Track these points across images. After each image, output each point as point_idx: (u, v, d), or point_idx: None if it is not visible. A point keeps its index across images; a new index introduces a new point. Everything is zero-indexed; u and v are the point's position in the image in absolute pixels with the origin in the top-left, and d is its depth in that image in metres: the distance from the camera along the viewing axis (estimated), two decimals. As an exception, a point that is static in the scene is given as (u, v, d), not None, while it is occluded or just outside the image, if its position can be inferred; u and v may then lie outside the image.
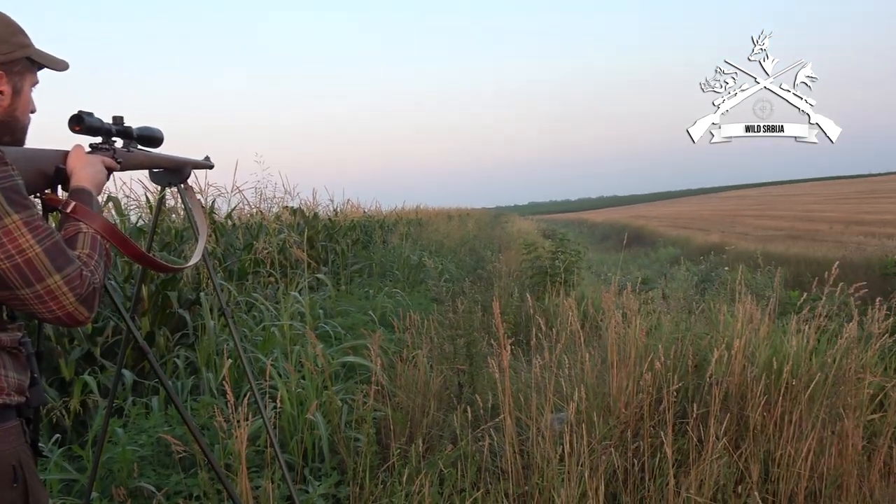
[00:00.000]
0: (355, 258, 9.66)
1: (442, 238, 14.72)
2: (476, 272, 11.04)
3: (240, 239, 7.15)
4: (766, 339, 3.72)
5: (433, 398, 3.92)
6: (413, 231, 15.01)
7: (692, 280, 11.38)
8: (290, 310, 4.68)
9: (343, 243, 9.59)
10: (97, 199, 1.51)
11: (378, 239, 12.20)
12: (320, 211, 10.37)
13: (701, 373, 3.62)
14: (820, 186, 75.38)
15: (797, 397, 3.30)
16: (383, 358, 4.26)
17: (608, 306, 4.08)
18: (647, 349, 3.67)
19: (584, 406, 3.26)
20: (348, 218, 11.63)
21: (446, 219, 21.98)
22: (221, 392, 3.60)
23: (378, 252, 10.42)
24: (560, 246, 8.80)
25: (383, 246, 11.67)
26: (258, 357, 4.16)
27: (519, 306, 6.64)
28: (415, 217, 19.25)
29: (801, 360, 3.48)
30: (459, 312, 5.33)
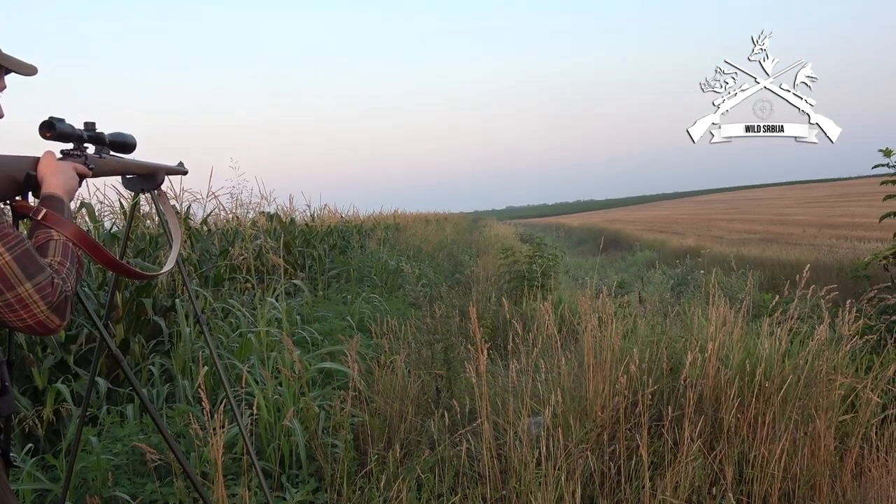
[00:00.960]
0: (332, 264, 9.63)
1: (420, 243, 14.71)
2: (454, 277, 11.06)
3: (215, 245, 7.09)
4: (739, 341, 3.76)
5: (411, 403, 3.92)
6: (391, 236, 15.00)
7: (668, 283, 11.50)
8: (267, 316, 4.66)
9: (320, 249, 9.56)
10: (69, 206, 1.50)
11: (356, 244, 12.18)
12: (297, 216, 10.34)
13: (676, 376, 3.65)
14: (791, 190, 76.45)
15: (770, 399, 3.34)
16: (361, 364, 4.25)
17: (584, 310, 4.11)
18: (623, 353, 3.70)
19: (560, 410, 3.28)
20: (325, 223, 11.60)
21: (424, 223, 21.99)
22: (197, 399, 3.57)
23: (356, 257, 10.40)
24: (537, 250, 8.85)
25: (361, 251, 11.65)
26: (234, 364, 4.13)
27: (496, 311, 6.66)
28: (393, 222, 19.23)
29: (774, 363, 3.53)
30: (437, 317, 5.34)
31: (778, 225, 25.77)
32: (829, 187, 75.75)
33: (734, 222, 31.06)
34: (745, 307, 4.19)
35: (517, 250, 9.93)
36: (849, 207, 32.21)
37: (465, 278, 10.08)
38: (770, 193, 73.35)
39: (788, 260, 14.00)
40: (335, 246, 10.94)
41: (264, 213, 8.91)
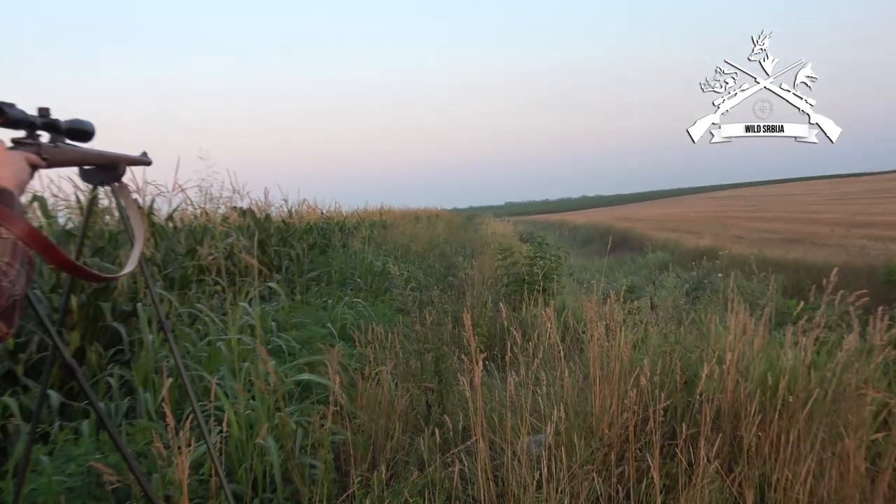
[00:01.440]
0: (312, 264, 9.62)
1: (409, 242, 14.72)
2: (446, 280, 11.06)
3: (182, 243, 7.08)
4: (760, 352, 3.78)
5: (398, 419, 3.93)
6: (377, 234, 15.00)
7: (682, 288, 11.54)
8: (239, 322, 4.65)
9: (298, 248, 9.55)
10: (19, 200, 1.49)
11: (337, 243, 12.17)
12: (273, 212, 10.32)
13: (691, 390, 3.67)
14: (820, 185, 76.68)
15: (794, 415, 3.36)
16: (343, 375, 4.24)
17: (590, 317, 4.13)
18: (633, 364, 3.72)
19: (563, 427, 3.30)
20: (304, 220, 11.59)
21: (413, 221, 22.00)
22: (160, 415, 3.56)
23: (337, 258, 10.39)
24: (538, 251, 8.86)
25: (343, 251, 11.64)
26: (202, 375, 4.13)
27: (493, 317, 6.68)
28: (379, 219, 19.23)
29: (799, 375, 3.55)
30: (427, 324, 5.35)
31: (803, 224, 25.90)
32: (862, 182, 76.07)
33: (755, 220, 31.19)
34: (767, 314, 4.21)
35: (516, 251, 9.95)
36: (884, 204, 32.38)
37: (459, 281, 10.08)
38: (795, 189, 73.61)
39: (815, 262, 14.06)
40: (315, 245, 10.93)
41: (236, 209, 8.90)
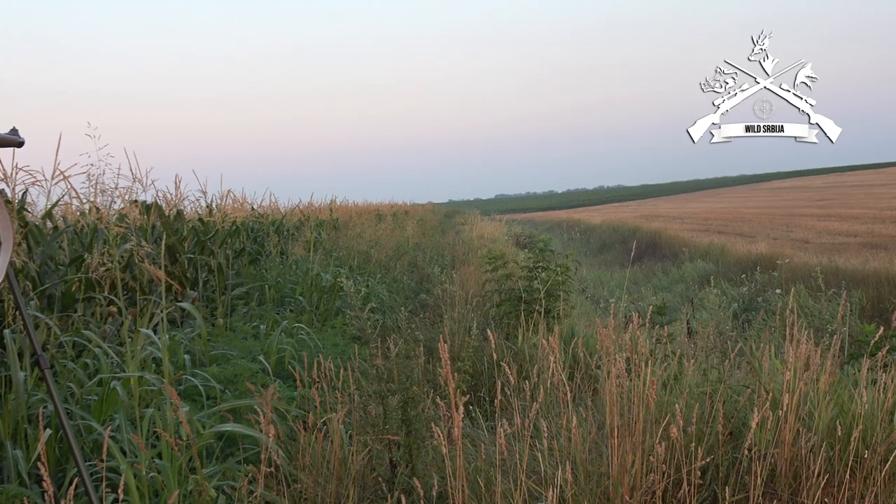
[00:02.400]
0: (239, 277, 9.59)
1: (368, 247, 14.71)
2: (418, 298, 11.06)
3: (65, 249, 7.04)
4: (828, 393, 3.83)
5: (352, 484, 3.93)
6: (326, 238, 14.98)
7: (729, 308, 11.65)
8: (141, 355, 4.63)
9: (221, 256, 9.52)
10: None
11: (273, 249, 12.14)
12: (187, 207, 10.28)
13: (737, 443, 3.71)
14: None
15: (871, 476, 3.41)
16: (279, 425, 4.24)
17: (607, 348, 4.15)
18: (662, 410, 3.75)
19: (570, 493, 3.32)
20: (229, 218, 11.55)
21: (375, 219, 22.02)
22: (36, 478, 3.54)
23: (273, 269, 10.37)
24: (540, 259, 8.90)
25: (281, 260, 11.61)
26: (91, 426, 4.10)
27: (479, 348, 6.69)
28: (329, 217, 19.19)
29: (878, 424, 3.60)
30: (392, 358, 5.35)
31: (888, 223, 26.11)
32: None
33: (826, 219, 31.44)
34: (837, 344, 4.26)
35: (511, 259, 9.98)
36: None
37: (435, 300, 10.09)
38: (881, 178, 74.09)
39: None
40: (243, 252, 10.89)
41: (138, 203, 8.84)
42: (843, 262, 16.31)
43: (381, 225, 20.30)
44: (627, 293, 13.52)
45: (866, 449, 3.46)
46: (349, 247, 14.40)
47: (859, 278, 14.30)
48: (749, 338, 6.49)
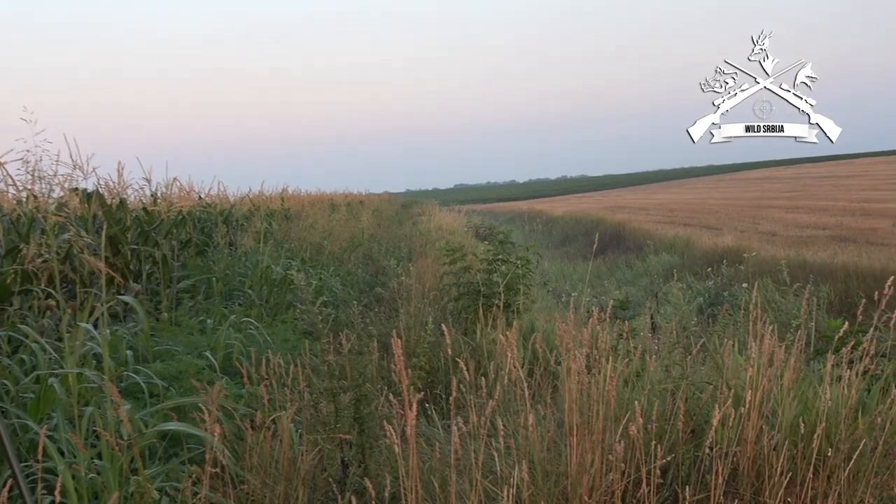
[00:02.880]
0: (185, 270, 9.52)
1: (321, 239, 14.66)
2: (373, 291, 11.04)
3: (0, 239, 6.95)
4: (792, 390, 3.87)
5: (302, 485, 3.92)
6: (277, 228, 14.90)
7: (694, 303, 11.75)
8: (80, 351, 4.58)
9: (166, 247, 9.44)
10: None
11: (221, 240, 12.06)
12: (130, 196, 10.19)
13: (699, 441, 3.74)
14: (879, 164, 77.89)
15: (835, 474, 3.45)
16: (226, 424, 4.21)
17: (567, 343, 4.16)
18: (623, 407, 3.77)
19: (527, 493, 3.33)
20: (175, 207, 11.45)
21: (329, 209, 21.95)
22: (-33, 481, 3.49)
23: (221, 260, 10.30)
24: (500, 251, 8.91)
25: (229, 251, 11.54)
26: (26, 424, 4.06)
27: (436, 343, 6.69)
28: (280, 207, 19.11)
29: (841, 421, 3.64)
30: (345, 353, 5.34)
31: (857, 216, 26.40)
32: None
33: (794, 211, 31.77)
34: (802, 339, 4.30)
35: (470, 251, 9.98)
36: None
37: (391, 293, 10.08)
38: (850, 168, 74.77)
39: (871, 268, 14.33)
40: (189, 242, 10.82)
41: (78, 191, 8.75)
42: (812, 255, 16.51)
43: (334, 215, 20.23)
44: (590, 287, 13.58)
45: (830, 447, 3.51)
46: (301, 238, 14.35)
47: (828, 272, 14.48)
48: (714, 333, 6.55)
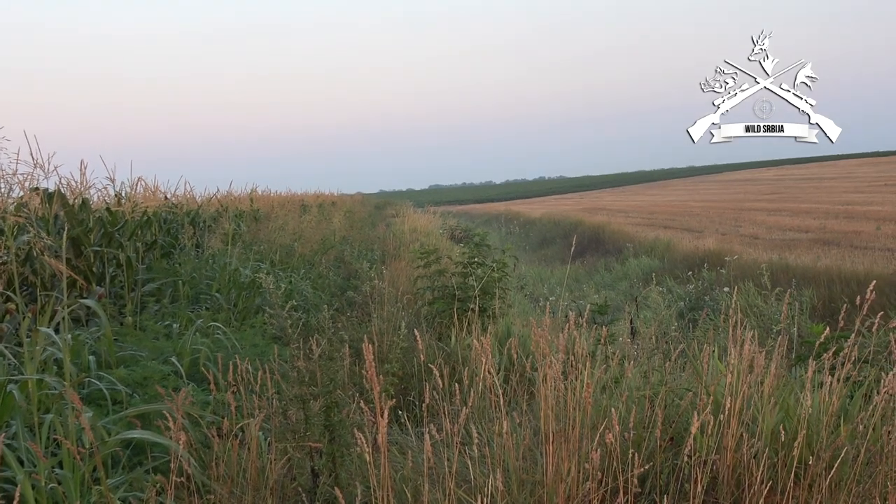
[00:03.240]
0: (150, 272, 9.47)
1: (291, 241, 14.63)
2: (345, 295, 11.02)
3: (-43, 241, 6.88)
4: (772, 396, 3.89)
5: (271, 495, 3.90)
6: (246, 229, 14.85)
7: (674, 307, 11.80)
8: (40, 356, 4.55)
9: (130, 249, 9.38)
10: None
11: (188, 242, 12.01)
12: (93, 196, 10.11)
13: (678, 449, 3.75)
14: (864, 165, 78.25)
15: (816, 483, 3.47)
16: (192, 432, 4.19)
17: (543, 349, 4.17)
18: (601, 414, 3.78)
19: (503, 502, 3.32)
20: (140, 208, 11.38)
21: (299, 210, 21.88)
22: (-79, 491, 3.45)
23: (188, 263, 10.25)
24: (476, 254, 8.92)
25: (196, 253, 11.49)
26: (-15, 433, 4.02)
27: (409, 349, 6.68)
28: (249, 208, 19.04)
29: (822, 428, 3.66)
30: (315, 359, 5.32)
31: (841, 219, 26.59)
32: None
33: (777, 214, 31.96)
34: (783, 345, 4.32)
35: (445, 254, 9.98)
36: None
37: (363, 297, 10.06)
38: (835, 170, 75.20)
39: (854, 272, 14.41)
40: (154, 244, 10.75)
41: (38, 191, 8.68)
42: (794, 259, 16.60)
43: (305, 217, 20.17)
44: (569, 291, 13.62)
45: (811, 455, 3.52)
46: (271, 240, 14.31)
47: (811, 276, 14.56)
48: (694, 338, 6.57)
